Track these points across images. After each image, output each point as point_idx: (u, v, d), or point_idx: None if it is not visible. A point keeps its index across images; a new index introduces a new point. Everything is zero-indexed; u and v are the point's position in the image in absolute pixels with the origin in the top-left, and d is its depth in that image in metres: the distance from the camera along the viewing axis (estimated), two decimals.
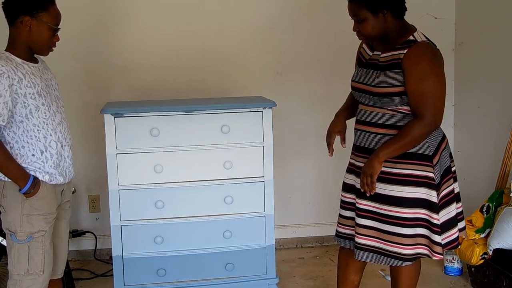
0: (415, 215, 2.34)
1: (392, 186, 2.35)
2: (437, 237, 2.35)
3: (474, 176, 3.82)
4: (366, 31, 2.31)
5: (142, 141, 2.67)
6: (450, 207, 2.43)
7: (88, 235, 3.76)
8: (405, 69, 2.26)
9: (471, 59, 3.79)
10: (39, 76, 2.29)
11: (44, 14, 2.23)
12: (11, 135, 2.25)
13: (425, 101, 2.25)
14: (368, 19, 2.28)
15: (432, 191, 2.33)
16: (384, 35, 2.33)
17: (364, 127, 2.43)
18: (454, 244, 2.45)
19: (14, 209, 2.27)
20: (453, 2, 3.91)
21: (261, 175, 2.78)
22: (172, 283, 2.78)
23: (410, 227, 2.35)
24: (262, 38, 3.77)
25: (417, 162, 2.33)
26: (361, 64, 2.49)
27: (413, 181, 2.33)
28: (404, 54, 2.27)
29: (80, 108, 3.62)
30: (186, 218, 2.76)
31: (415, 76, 2.25)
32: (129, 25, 3.66)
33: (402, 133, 2.30)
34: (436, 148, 2.37)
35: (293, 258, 3.75)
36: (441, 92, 2.29)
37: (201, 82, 3.72)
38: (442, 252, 2.37)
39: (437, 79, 2.27)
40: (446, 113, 3.92)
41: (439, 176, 2.38)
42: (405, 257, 2.38)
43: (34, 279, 2.30)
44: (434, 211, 2.34)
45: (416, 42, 2.28)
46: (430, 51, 2.29)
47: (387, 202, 2.36)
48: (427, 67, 2.26)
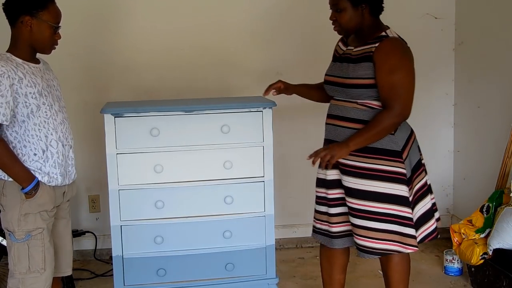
0: (386, 210, 2.41)
1: (363, 180, 2.41)
2: (410, 230, 2.42)
3: (474, 176, 3.82)
4: (343, 20, 2.40)
5: (142, 141, 2.67)
6: (425, 199, 2.50)
7: (88, 235, 3.76)
8: (376, 62, 2.34)
9: (471, 59, 3.79)
10: (40, 76, 2.30)
11: (44, 13, 2.25)
12: (14, 134, 2.26)
13: (394, 92, 2.33)
14: (347, 9, 2.38)
15: (403, 186, 2.40)
16: (358, 29, 2.42)
17: (335, 121, 2.50)
18: (434, 235, 2.53)
19: (13, 208, 2.28)
20: (453, 2, 3.91)
21: (261, 175, 2.78)
22: (172, 283, 2.77)
23: (380, 221, 2.41)
24: (262, 38, 3.77)
25: (387, 158, 2.39)
26: (335, 59, 2.58)
27: (384, 176, 2.40)
28: (376, 47, 2.35)
29: (80, 108, 3.62)
30: (186, 218, 2.75)
31: (385, 69, 2.32)
32: (130, 24, 3.66)
33: (371, 123, 2.37)
34: (405, 144, 2.43)
35: (293, 258, 3.75)
36: (410, 85, 2.36)
37: (201, 81, 3.72)
38: (416, 244, 2.44)
39: (407, 72, 2.35)
40: (446, 113, 4.01)
41: (410, 170, 2.44)
42: (373, 251, 2.44)
43: (37, 276, 2.31)
44: (405, 205, 2.40)
45: (388, 37, 2.37)
46: (401, 46, 2.38)
47: (357, 196, 2.43)
48: (397, 60, 2.34)
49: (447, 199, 4.11)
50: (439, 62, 3.94)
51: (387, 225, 2.41)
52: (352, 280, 3.36)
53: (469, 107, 3.84)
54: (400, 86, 2.33)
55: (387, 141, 2.39)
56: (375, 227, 2.42)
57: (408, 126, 2.49)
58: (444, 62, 3.95)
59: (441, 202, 4.11)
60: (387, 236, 2.42)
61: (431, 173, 4.02)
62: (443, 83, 3.97)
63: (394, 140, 2.40)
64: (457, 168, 4.04)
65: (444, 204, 4.12)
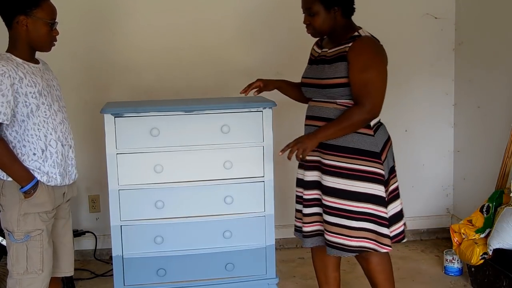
0: (363, 209, 2.45)
1: (343, 180, 2.45)
2: (385, 230, 2.46)
3: (474, 176, 3.82)
4: (317, 23, 2.45)
5: (142, 141, 2.67)
6: (396, 202, 2.54)
7: (88, 235, 3.76)
8: (349, 61, 2.38)
9: (471, 59, 3.79)
10: (40, 76, 2.31)
11: (38, 11, 2.25)
12: (13, 134, 2.26)
13: (365, 90, 2.37)
14: (320, 13, 2.43)
15: (381, 186, 2.45)
16: (332, 31, 2.47)
17: (313, 122, 2.54)
18: (400, 237, 2.57)
19: (12, 208, 2.28)
20: (453, 2, 3.91)
21: (261, 175, 2.78)
22: (172, 283, 2.77)
23: (357, 220, 2.45)
24: (262, 38, 3.78)
25: (367, 159, 2.43)
26: (310, 62, 2.65)
27: (362, 176, 2.43)
28: (349, 47, 2.39)
29: (80, 108, 3.62)
30: (186, 218, 2.75)
31: (358, 67, 2.37)
32: (129, 24, 3.66)
33: (341, 117, 2.42)
34: (383, 146, 2.48)
35: (293, 258, 3.75)
36: (381, 83, 2.40)
37: (201, 81, 3.72)
38: (390, 244, 2.48)
39: (379, 70, 2.39)
40: (446, 113, 4.01)
41: (387, 172, 2.49)
42: (348, 248, 2.48)
43: (34, 277, 2.31)
44: (382, 205, 2.45)
45: (360, 36, 2.41)
46: (374, 45, 2.42)
47: (336, 195, 2.46)
48: (369, 59, 2.38)
49: (447, 199, 4.11)
50: (439, 62, 3.94)
51: (363, 223, 2.46)
52: (352, 280, 3.36)
53: (469, 107, 3.84)
54: (371, 84, 2.37)
55: (367, 143, 2.43)
56: (350, 225, 2.46)
57: (386, 131, 2.55)
58: (444, 62, 3.95)
59: (441, 202, 4.12)
60: (363, 234, 2.47)
61: (431, 173, 4.06)
62: (443, 83, 3.97)
63: (373, 142, 2.44)
64: (457, 168, 4.04)
65: (444, 204, 4.12)
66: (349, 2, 2.47)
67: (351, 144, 2.43)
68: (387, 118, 2.57)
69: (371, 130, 2.44)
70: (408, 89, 3.93)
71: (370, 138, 2.43)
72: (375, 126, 2.47)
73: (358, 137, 2.43)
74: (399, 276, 3.45)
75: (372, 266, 2.58)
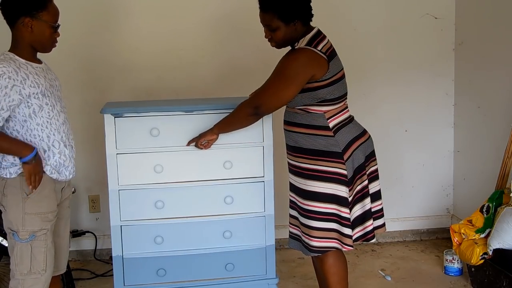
0: (326, 210, 2.48)
1: (307, 180, 2.50)
2: (347, 230, 2.49)
3: (474, 176, 3.82)
4: (278, 38, 2.48)
5: (142, 141, 2.67)
6: (364, 201, 2.56)
7: (88, 235, 3.76)
8: None
9: (471, 59, 3.79)
10: (43, 76, 2.31)
11: (44, 13, 2.25)
12: (14, 133, 2.27)
13: (261, 88, 2.53)
14: (280, 28, 2.45)
15: (343, 187, 2.47)
16: (293, 40, 2.49)
17: (285, 126, 2.62)
18: (370, 236, 2.60)
19: (15, 208, 2.28)
20: (453, 2, 3.91)
21: (261, 175, 2.79)
22: (172, 283, 2.78)
23: (321, 220, 2.49)
24: (262, 38, 3.76)
25: (328, 159, 2.47)
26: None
27: (325, 177, 2.47)
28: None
29: (80, 108, 3.62)
30: (186, 218, 2.76)
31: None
32: (129, 25, 3.66)
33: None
34: (346, 146, 2.49)
35: (293, 258, 3.75)
36: (277, 84, 2.43)
37: (200, 82, 3.73)
38: (352, 244, 2.51)
39: (279, 77, 2.43)
40: (446, 113, 4.01)
41: (352, 172, 2.50)
42: (312, 249, 2.52)
43: (37, 278, 2.31)
44: (344, 205, 2.48)
45: (294, 49, 2.46)
46: (294, 55, 2.43)
47: (302, 195, 2.52)
48: (279, 66, 2.46)
49: (447, 199, 4.11)
50: (439, 62, 3.94)
51: (327, 223, 2.49)
52: (352, 280, 3.36)
53: (469, 107, 3.84)
54: (267, 83, 2.47)
55: (327, 143, 2.47)
56: (317, 226, 2.50)
57: (352, 129, 2.55)
58: (444, 62, 3.95)
59: (441, 202, 4.12)
60: (328, 234, 2.50)
61: (431, 173, 4.06)
62: (443, 83, 3.97)
63: (333, 142, 2.47)
64: (457, 168, 4.04)
65: (444, 204, 4.12)
66: (307, 12, 2.47)
67: (312, 146, 2.48)
68: (387, 118, 2.57)
69: (330, 131, 2.47)
70: (408, 89, 3.93)
71: (330, 139, 2.47)
72: (336, 126, 2.48)
73: (318, 138, 2.47)
74: (399, 276, 3.45)
75: (326, 267, 2.61)
